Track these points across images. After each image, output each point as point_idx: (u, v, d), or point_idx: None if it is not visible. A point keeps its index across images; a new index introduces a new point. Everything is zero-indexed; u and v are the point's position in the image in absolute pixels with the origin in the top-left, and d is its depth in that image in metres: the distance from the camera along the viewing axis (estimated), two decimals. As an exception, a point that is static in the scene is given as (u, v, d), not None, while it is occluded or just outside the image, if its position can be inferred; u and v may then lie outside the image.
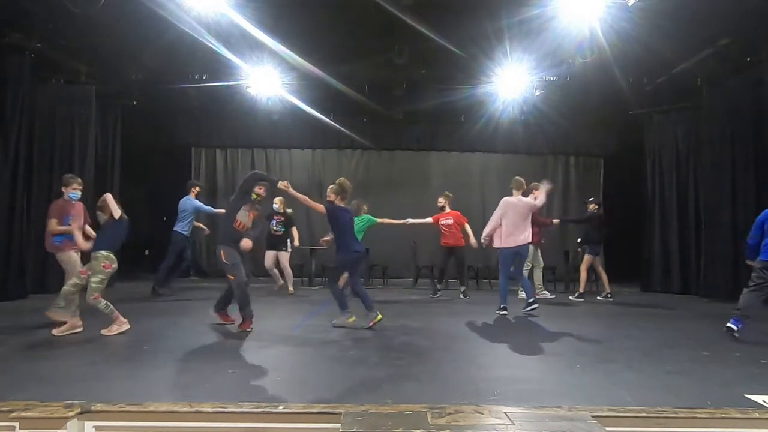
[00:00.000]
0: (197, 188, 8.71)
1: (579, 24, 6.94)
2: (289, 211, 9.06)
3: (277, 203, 8.89)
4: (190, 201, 8.43)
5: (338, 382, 3.69)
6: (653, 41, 7.31)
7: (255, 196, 5.71)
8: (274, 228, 8.84)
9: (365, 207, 7.63)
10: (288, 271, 9.01)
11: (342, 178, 6.12)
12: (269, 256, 8.89)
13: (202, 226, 8.90)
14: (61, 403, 2.96)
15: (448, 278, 9.48)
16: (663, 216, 9.92)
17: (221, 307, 5.84)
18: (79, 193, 6.04)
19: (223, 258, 5.45)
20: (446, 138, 11.89)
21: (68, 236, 5.71)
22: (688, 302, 8.49)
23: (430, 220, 8.75)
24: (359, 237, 7.54)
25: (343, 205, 5.92)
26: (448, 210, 8.73)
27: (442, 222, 8.67)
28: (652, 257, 9.96)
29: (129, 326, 5.30)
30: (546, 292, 8.82)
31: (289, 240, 9.05)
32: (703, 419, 2.98)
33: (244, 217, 5.59)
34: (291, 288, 8.93)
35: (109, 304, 5.24)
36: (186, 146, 11.87)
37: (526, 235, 6.83)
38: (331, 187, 6.07)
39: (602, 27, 6.95)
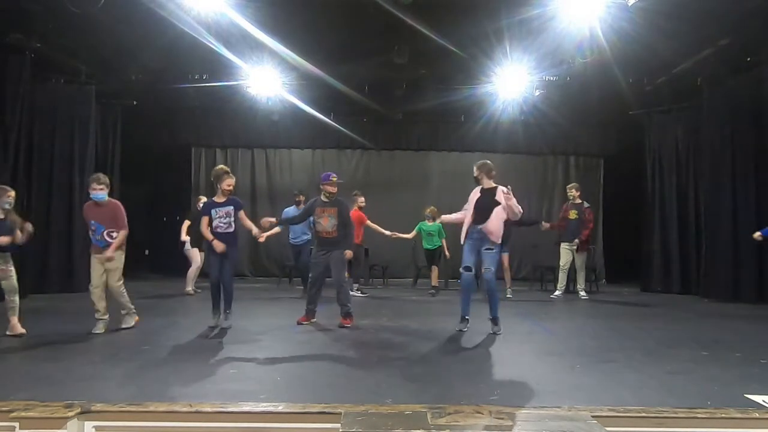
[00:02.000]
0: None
1: (579, 24, 6.93)
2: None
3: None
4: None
5: (338, 381, 3.69)
6: (653, 41, 7.30)
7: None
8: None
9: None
10: None
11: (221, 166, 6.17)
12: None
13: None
14: (61, 403, 2.96)
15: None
16: (663, 216, 9.91)
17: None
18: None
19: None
20: (446, 138, 11.88)
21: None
22: (688, 302, 8.48)
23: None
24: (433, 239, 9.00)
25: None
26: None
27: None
28: (652, 257, 9.95)
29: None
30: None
31: None
32: (703, 419, 2.98)
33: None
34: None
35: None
36: (186, 146, 11.87)
37: None
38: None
39: (602, 27, 6.94)
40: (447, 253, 9.18)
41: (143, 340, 4.97)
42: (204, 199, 7.95)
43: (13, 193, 5.28)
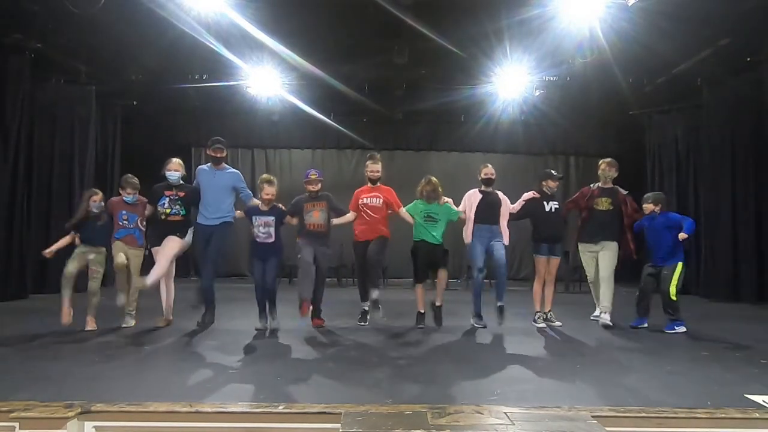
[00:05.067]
0: None
1: (579, 24, 6.95)
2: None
3: (177, 168, 5.80)
4: None
5: (338, 382, 3.69)
6: (653, 41, 7.31)
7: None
8: (166, 210, 5.52)
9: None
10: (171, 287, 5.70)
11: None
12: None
13: None
14: (61, 403, 2.95)
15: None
16: (663, 216, 9.92)
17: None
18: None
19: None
20: (446, 138, 11.89)
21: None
22: (688, 302, 8.44)
23: (350, 215, 6.08)
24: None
25: None
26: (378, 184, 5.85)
27: (363, 201, 5.94)
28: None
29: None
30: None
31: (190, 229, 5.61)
32: (703, 419, 2.98)
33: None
34: (169, 315, 5.68)
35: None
36: (186, 146, 11.85)
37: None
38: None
39: (602, 27, 6.96)
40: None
41: (143, 340, 4.96)
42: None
43: (101, 195, 5.60)
